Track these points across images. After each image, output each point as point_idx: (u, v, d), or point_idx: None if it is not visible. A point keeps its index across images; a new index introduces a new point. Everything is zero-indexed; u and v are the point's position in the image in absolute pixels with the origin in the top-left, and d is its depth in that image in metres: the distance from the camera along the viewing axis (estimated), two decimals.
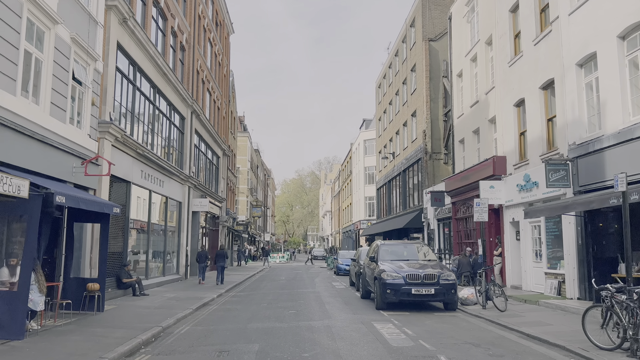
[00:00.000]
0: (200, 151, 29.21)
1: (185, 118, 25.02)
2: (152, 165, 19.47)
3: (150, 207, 19.84)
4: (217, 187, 34.67)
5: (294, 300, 16.31)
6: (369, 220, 55.24)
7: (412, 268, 13.41)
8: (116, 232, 16.56)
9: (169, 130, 22.65)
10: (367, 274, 15.58)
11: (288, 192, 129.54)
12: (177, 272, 24.04)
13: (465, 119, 22.33)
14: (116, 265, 16.57)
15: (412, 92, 33.04)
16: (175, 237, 23.91)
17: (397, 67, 38.07)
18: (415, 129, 32.38)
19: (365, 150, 57.21)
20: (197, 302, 14.99)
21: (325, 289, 20.42)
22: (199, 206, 26.39)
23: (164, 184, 21.40)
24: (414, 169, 32.33)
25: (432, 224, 27.36)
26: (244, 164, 53.69)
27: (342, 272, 30.36)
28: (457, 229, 22.98)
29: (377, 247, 15.41)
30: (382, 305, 13.37)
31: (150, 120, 19.87)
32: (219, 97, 35.00)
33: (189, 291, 18.67)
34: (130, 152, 17.05)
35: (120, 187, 16.88)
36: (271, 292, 19.38)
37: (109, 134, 14.78)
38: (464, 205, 22.04)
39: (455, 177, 22.38)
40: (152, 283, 19.52)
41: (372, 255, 15.03)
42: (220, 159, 35.42)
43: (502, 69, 18.25)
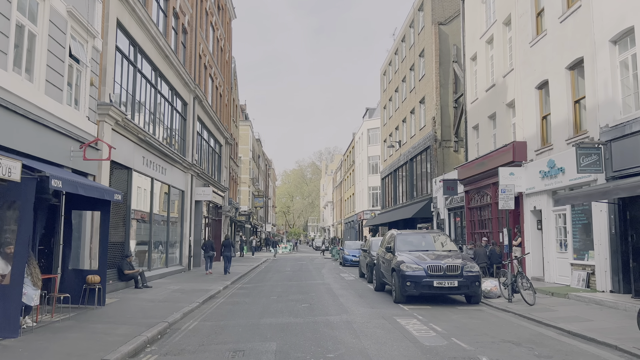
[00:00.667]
0: (203, 139, 28.32)
1: (188, 104, 24.10)
2: (154, 152, 18.59)
3: (153, 196, 19.00)
4: (220, 176, 33.81)
5: (304, 292, 15.51)
6: (373, 210, 54.45)
7: (432, 259, 12.58)
8: (117, 222, 15.73)
9: (171, 116, 21.74)
10: (383, 265, 14.77)
11: (288, 183, 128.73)
12: (180, 263, 23.25)
13: (480, 104, 21.42)
14: (117, 256, 15.75)
15: (420, 78, 32.08)
16: (177, 227, 23.08)
17: (404, 53, 37.06)
18: (424, 116, 31.45)
19: (369, 140, 56.28)
20: (203, 295, 14.19)
21: (335, 281, 19.63)
22: (202, 195, 25.55)
23: (166, 172, 20.54)
24: (422, 157, 31.45)
25: (442, 214, 26.54)
26: (245, 154, 52.80)
27: (348, 263, 29.61)
28: (470, 218, 22.15)
29: (393, 237, 14.58)
30: (401, 299, 12.56)
31: (152, 105, 18.96)
32: (221, 84, 34.03)
33: (194, 283, 17.88)
34: (132, 137, 16.17)
35: (121, 174, 16.02)
36: (279, 284, 18.59)
37: (109, 117, 13.89)
38: (479, 194, 21.20)
39: (468, 165, 21.52)
40: (155, 275, 18.72)
41: (388, 245, 14.20)
42: (222, 147, 34.53)
43: (522, 50, 17.33)
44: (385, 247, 14.25)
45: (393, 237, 14.57)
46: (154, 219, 19.32)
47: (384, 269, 14.58)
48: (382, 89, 46.00)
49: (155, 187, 19.42)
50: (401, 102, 37.53)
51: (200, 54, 26.61)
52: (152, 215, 18.92)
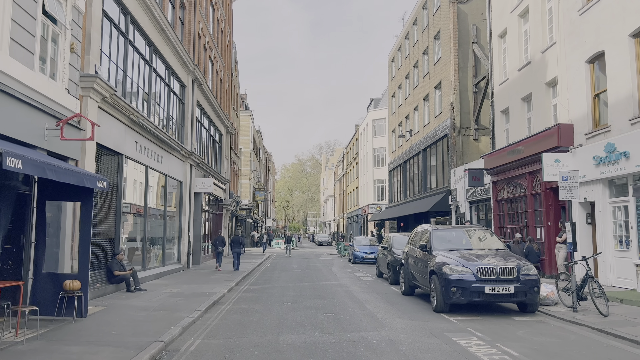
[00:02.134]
0: (202, 126, 26.17)
1: (186, 86, 21.94)
2: (148, 137, 16.46)
3: (147, 186, 16.87)
4: (220, 167, 31.68)
5: (322, 297, 13.44)
6: (378, 204, 52.41)
7: (481, 259, 10.51)
8: (106, 216, 13.63)
9: (168, 98, 19.59)
10: (414, 266, 12.70)
11: (288, 177, 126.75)
12: (178, 260, 21.17)
13: (511, 86, 19.32)
14: (106, 255, 13.67)
15: (435, 62, 29.93)
16: (175, 221, 20.99)
17: (416, 37, 34.89)
18: (440, 102, 29.34)
19: (374, 131, 54.16)
20: (205, 300, 12.13)
21: (352, 282, 17.57)
22: (202, 187, 23.44)
23: (162, 160, 18.41)
24: (438, 146, 29.35)
25: (462, 207, 24.49)
26: (246, 145, 50.65)
27: (359, 260, 27.57)
28: (498, 212, 20.10)
29: (427, 233, 12.49)
30: (443, 307, 10.49)
31: (146, 84, 16.81)
32: (221, 69, 31.84)
33: (194, 284, 15.81)
34: (122, 118, 14.04)
35: (111, 161, 13.90)
36: (290, 285, 16.53)
37: (95, 92, 11.75)
38: (510, 185, 19.13)
39: (497, 153, 19.44)
40: (150, 275, 16.64)
41: (423, 243, 12.10)
42: (223, 136, 32.38)
43: (568, 20, 15.22)
44: (420, 245, 12.15)
45: (427, 233, 12.48)
46: (149, 212, 17.23)
47: (416, 270, 12.52)
48: (390, 77, 43.83)
49: (151, 177, 17.31)
50: (412, 89, 35.39)
51: (199, 33, 24.43)
52: (146, 208, 16.81)
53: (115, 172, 14.13)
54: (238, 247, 21.79)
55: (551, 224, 16.10)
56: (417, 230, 13.76)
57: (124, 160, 14.48)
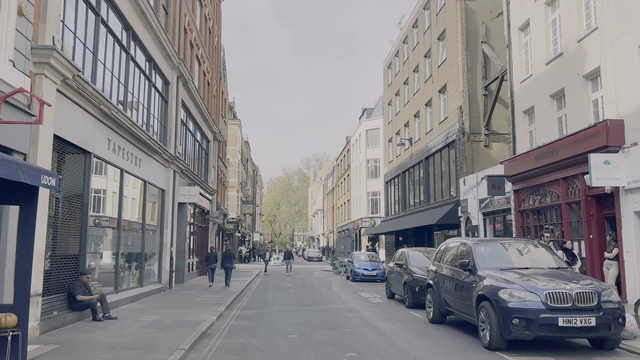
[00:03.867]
0: (188, 130, 23.72)
1: (170, 83, 19.53)
2: (124, 135, 14.00)
3: (122, 193, 14.35)
4: (207, 176, 29.16)
5: (333, 326, 11.00)
6: (372, 217, 50.13)
7: (547, 281, 8.20)
8: (69, 227, 11.11)
9: (149, 93, 17.16)
10: (448, 288, 10.36)
11: (275, 191, 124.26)
12: (158, 279, 18.56)
13: (536, 82, 17.25)
14: (69, 275, 11.14)
15: (440, 64, 27.92)
16: (156, 235, 18.43)
17: (416, 40, 32.95)
18: (446, 106, 27.27)
19: (368, 142, 52.04)
20: (189, 332, 9.63)
21: (361, 305, 15.15)
22: (187, 196, 20.92)
23: (141, 164, 15.93)
24: (444, 154, 27.21)
25: (474, 219, 22.27)
26: (234, 155, 48.16)
27: (359, 277, 25.18)
28: (522, 224, 17.88)
29: (466, 248, 10.15)
30: (500, 344, 8.12)
31: (122, 74, 14.38)
32: (209, 70, 29.50)
33: (176, 309, 13.26)
34: (91, 108, 11.58)
35: (75, 160, 11.41)
36: (289, 309, 14.05)
37: (52, 70, 9.31)
38: (536, 193, 16.95)
39: (521, 158, 17.29)
40: (124, 298, 14.06)
41: (464, 260, 9.73)
42: (210, 143, 29.91)
43: (614, 1, 13.17)
44: (460, 264, 9.78)
45: (466, 248, 10.14)
46: (124, 224, 14.69)
47: (451, 293, 10.17)
48: (386, 84, 41.85)
49: (127, 183, 14.80)
50: (412, 95, 33.35)
51: (185, 27, 22.10)
52: (121, 218, 14.27)
53: (80, 174, 11.62)
54: (229, 262, 21.27)
55: (594, 236, 13.89)
56: (449, 245, 11.40)
57: (92, 161, 11.98)
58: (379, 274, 25.25)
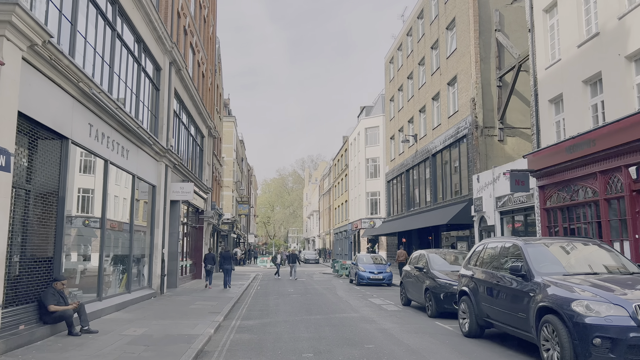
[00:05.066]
0: (182, 122, 22.00)
1: (162, 69, 17.83)
2: (109, 121, 12.30)
3: (107, 188, 12.63)
4: (202, 173, 27.43)
5: (352, 342, 9.35)
6: (372, 218, 48.51)
7: (631, 291, 6.60)
8: (41, 225, 9.40)
9: (138, 78, 15.46)
10: (490, 297, 8.74)
11: (269, 193, 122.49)
12: (148, 284, 16.85)
13: (565, 67, 15.72)
14: (41, 281, 9.44)
15: (449, 55, 26.38)
16: (146, 235, 16.71)
17: (422, 31, 31.41)
18: (455, 100, 25.73)
19: (367, 140, 50.40)
20: (183, 351, 7.96)
21: (376, 313, 13.51)
22: (181, 193, 19.20)
23: (129, 155, 14.22)
24: (453, 150, 25.66)
25: (490, 219, 20.70)
26: (229, 154, 46.39)
27: (364, 281, 23.55)
28: (549, 223, 16.33)
29: (517, 249, 8.52)
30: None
31: (106, 52, 12.68)
32: (204, 61, 27.79)
33: (168, 319, 11.57)
34: (68, 85, 9.89)
35: (49, 147, 9.71)
36: (297, 319, 12.38)
37: (15, 31, 7.62)
38: (567, 189, 15.40)
39: (548, 151, 15.74)
40: (109, 306, 12.34)
41: (515, 264, 8.07)
42: (205, 139, 28.19)
43: None
44: (510, 268, 8.12)
45: (517, 249, 8.50)
46: (110, 223, 12.98)
47: (495, 303, 8.56)
48: (388, 79, 40.29)
49: (112, 176, 13.09)
50: (417, 89, 31.79)
51: (179, 10, 20.41)
52: (105, 216, 12.54)
53: (55, 164, 9.92)
54: (228, 264, 20.93)
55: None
56: (488, 246, 9.78)
57: (69, 148, 10.27)
58: (386, 277, 23.67)
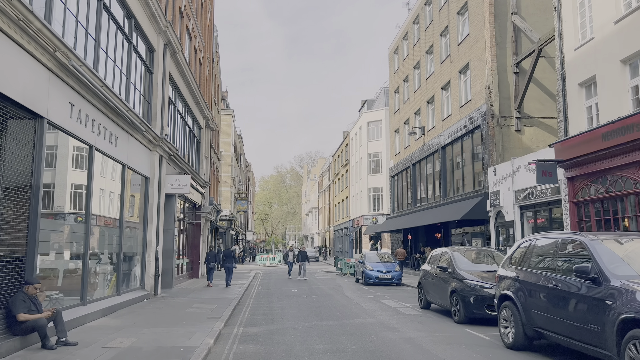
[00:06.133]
0: (177, 111, 20.52)
1: (156, 50, 16.35)
2: (93, 101, 10.83)
3: (92, 178, 11.17)
4: (199, 166, 25.96)
5: (377, 355, 7.93)
6: (374, 215, 47.13)
7: None
8: (9, 218, 7.96)
9: (129, 58, 13.97)
10: (545, 302, 7.34)
11: (267, 189, 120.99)
12: (141, 285, 15.41)
13: (600, 46, 14.33)
14: (8, 285, 7.98)
15: (460, 42, 24.96)
16: (138, 231, 15.26)
17: (429, 18, 29.97)
18: (467, 88, 24.32)
19: (369, 135, 48.96)
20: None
21: (394, 318, 12.10)
22: (176, 186, 17.73)
23: (118, 142, 12.76)
24: (466, 141, 24.25)
25: (508, 214, 19.31)
26: (227, 148, 44.91)
27: (372, 280, 22.16)
28: (579, 217, 14.96)
29: (580, 246, 7.11)
30: None
31: (90, 24, 11.19)
32: (201, 48, 26.29)
33: (161, 326, 10.14)
34: (42, 55, 8.43)
35: (20, 127, 8.24)
36: (307, 326, 10.96)
37: None
38: (601, 181, 14.02)
39: (580, 138, 14.33)
40: (94, 311, 10.90)
41: (583, 265, 6.62)
42: (202, 130, 26.71)
43: None
44: (576, 269, 6.67)
45: (580, 246, 7.07)
46: (96, 219, 11.53)
47: (553, 311, 7.15)
48: (392, 70, 38.85)
49: (98, 164, 11.63)
50: (425, 79, 30.36)
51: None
52: (89, 210, 11.08)
53: (28, 147, 8.45)
54: (230, 262, 20.86)
55: None
56: (536, 243, 8.33)
57: (45, 128, 8.81)
58: (395, 276, 22.28)
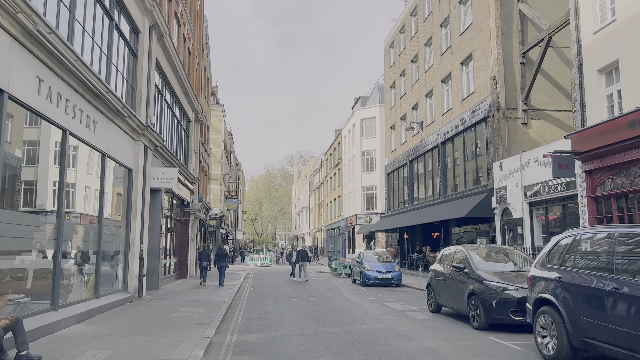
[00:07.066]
0: (165, 100, 19.19)
1: (141, 32, 15.04)
2: (67, 79, 9.53)
3: (65, 166, 9.86)
4: (188, 161, 24.63)
5: None
6: (368, 214, 46.03)
7: None
8: None
9: (110, 36, 12.65)
10: (597, 309, 6.22)
11: (257, 189, 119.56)
12: (123, 287, 14.08)
13: (623, 28, 13.29)
14: None
15: (462, 32, 23.88)
16: (121, 228, 13.94)
17: (429, 9, 28.88)
18: (470, 80, 23.25)
19: (363, 132, 47.85)
20: None
21: (405, 323, 10.92)
22: (163, 180, 16.40)
23: (97, 128, 11.45)
24: (468, 136, 23.17)
25: (516, 211, 18.24)
26: (217, 145, 43.53)
27: (371, 281, 21.00)
28: (598, 212, 13.90)
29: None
30: None
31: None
32: (190, 36, 24.97)
33: (143, 334, 8.86)
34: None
35: None
36: (309, 333, 9.75)
37: None
38: (624, 174, 12.96)
39: (601, 128, 13.27)
40: (67, 317, 9.59)
41: None
42: (191, 123, 25.37)
43: None
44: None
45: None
46: (67, 212, 10.22)
47: (610, 319, 6.03)
48: (388, 65, 37.73)
49: (74, 152, 10.32)
50: (423, 73, 29.27)
51: None
52: (61, 204, 9.77)
53: None
54: (223, 261, 20.66)
55: None
56: (581, 237, 7.20)
57: (5, 104, 7.51)
58: (395, 277, 21.14)
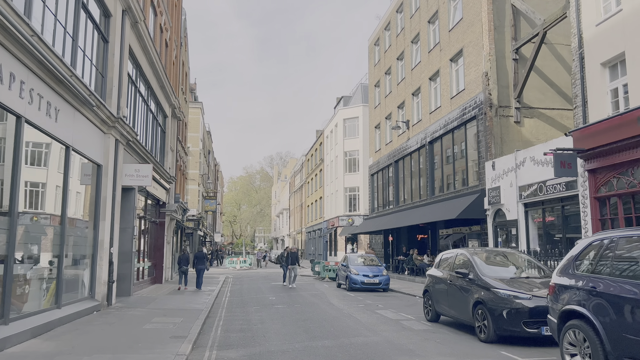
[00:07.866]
0: (139, 93, 17.90)
1: (112, 16, 13.78)
2: (24, 59, 8.29)
3: (19, 157, 8.61)
4: (164, 159, 23.29)
5: None
6: (350, 215, 45.13)
7: None
8: None
9: (76, 16, 11.39)
10: None
11: (236, 191, 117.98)
12: (90, 294, 12.79)
13: (629, 18, 12.56)
14: None
15: (451, 28, 23.11)
16: (87, 230, 12.66)
17: (416, 5, 28.08)
18: (460, 77, 22.47)
19: (346, 132, 46.98)
20: None
21: (403, 335, 9.92)
22: (136, 177, 15.13)
23: (59, 117, 10.19)
24: (457, 135, 22.37)
25: (510, 212, 17.46)
26: (195, 143, 42.11)
27: (357, 286, 20.00)
28: (602, 214, 13.14)
29: None
30: None
31: None
32: (167, 28, 23.67)
33: (108, 352, 7.67)
34: None
35: None
36: (297, 348, 8.67)
37: None
38: (630, 173, 12.22)
39: (607, 124, 12.53)
40: (19, 332, 8.32)
41: None
42: (168, 119, 24.04)
43: None
44: None
45: None
46: (21, 211, 8.97)
47: None
48: (373, 64, 36.88)
49: (32, 144, 9.06)
50: (410, 70, 28.46)
51: None
52: (15, 201, 8.51)
53: None
54: (202, 264, 20.34)
55: None
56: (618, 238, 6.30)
57: None
58: (382, 281, 20.19)
